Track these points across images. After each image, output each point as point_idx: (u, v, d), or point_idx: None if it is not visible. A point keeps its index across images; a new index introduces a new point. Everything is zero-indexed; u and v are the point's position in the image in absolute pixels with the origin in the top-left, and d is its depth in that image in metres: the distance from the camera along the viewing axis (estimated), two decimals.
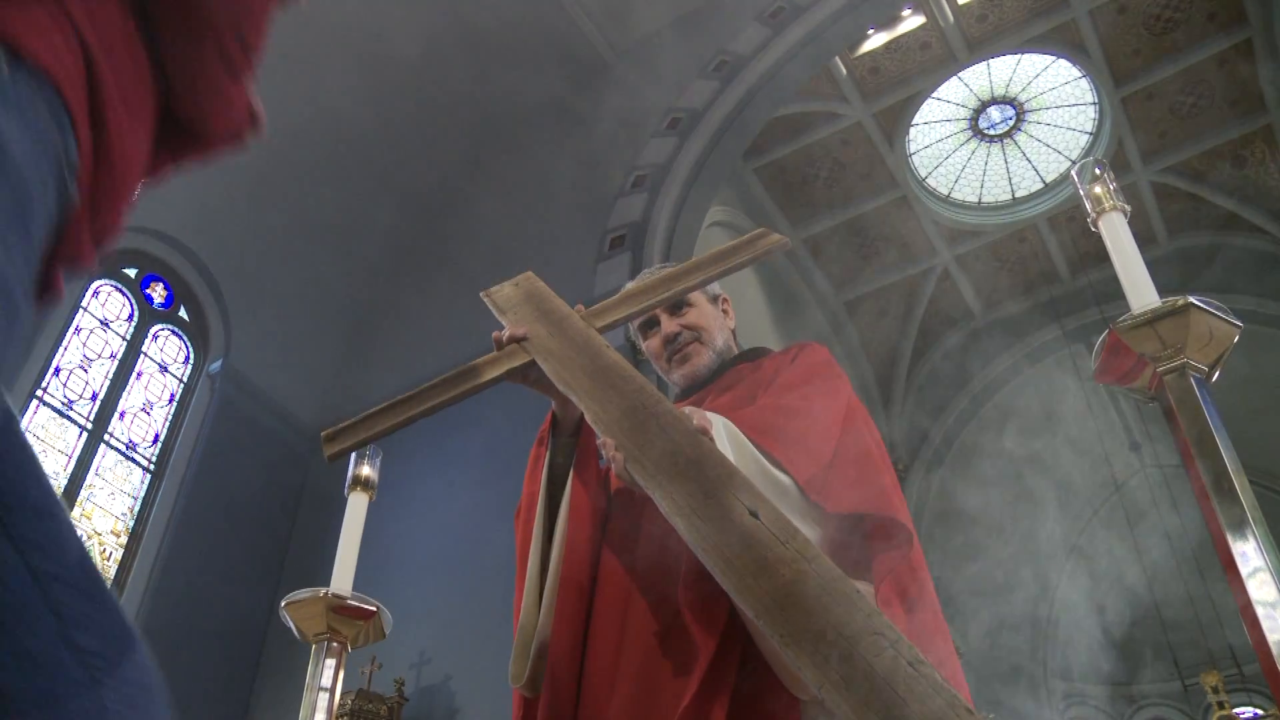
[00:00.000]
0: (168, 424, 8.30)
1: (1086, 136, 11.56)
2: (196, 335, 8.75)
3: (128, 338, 8.29)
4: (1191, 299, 2.05)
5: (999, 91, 11.62)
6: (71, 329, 7.84)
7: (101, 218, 1.05)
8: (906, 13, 10.27)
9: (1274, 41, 10.13)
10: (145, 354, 8.35)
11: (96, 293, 8.20)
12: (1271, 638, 1.75)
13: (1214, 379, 2.08)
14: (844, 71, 10.64)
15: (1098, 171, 2.40)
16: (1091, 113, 11.40)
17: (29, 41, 0.89)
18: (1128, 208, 2.35)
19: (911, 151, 11.73)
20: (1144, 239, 10.24)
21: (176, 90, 1.15)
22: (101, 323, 8.15)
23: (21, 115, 0.87)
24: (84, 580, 1.04)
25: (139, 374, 8.25)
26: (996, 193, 12.20)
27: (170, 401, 8.41)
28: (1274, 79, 10.46)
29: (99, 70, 0.98)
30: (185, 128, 1.20)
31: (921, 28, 10.49)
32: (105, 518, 7.56)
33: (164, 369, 8.47)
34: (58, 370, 7.63)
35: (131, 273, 8.48)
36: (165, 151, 1.24)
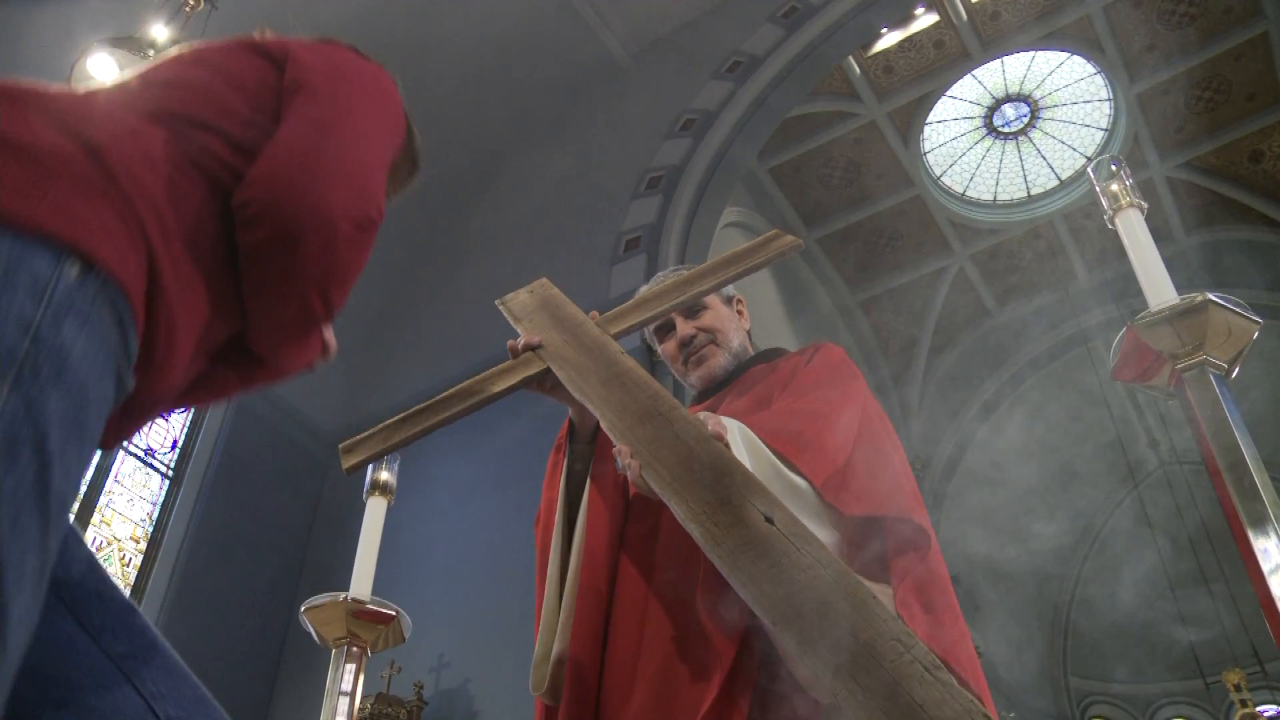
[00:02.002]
0: (185, 430, 8.33)
1: (1102, 133, 11.51)
2: None
3: None
4: (1210, 295, 2.04)
5: (1013, 89, 11.58)
6: None
7: (140, 405, 1.15)
8: (920, 11, 10.25)
9: None
10: None
11: None
12: None
13: (1233, 375, 2.07)
14: (857, 71, 10.62)
15: (1114, 168, 2.39)
16: (1107, 109, 11.35)
17: (98, 250, 0.99)
18: (1144, 204, 2.34)
19: (926, 150, 11.70)
20: (1161, 235, 10.19)
21: (254, 329, 1.28)
22: None
23: (86, 321, 0.96)
24: (154, 654, 1.14)
25: None
26: (1012, 190, 12.16)
27: (188, 408, 8.45)
28: None
29: (159, 272, 1.07)
30: (256, 357, 1.31)
31: (935, 26, 10.46)
32: (124, 524, 7.60)
33: None
34: None
35: None
36: (234, 375, 1.35)
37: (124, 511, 7.64)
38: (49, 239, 0.96)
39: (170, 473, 8.05)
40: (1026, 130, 11.87)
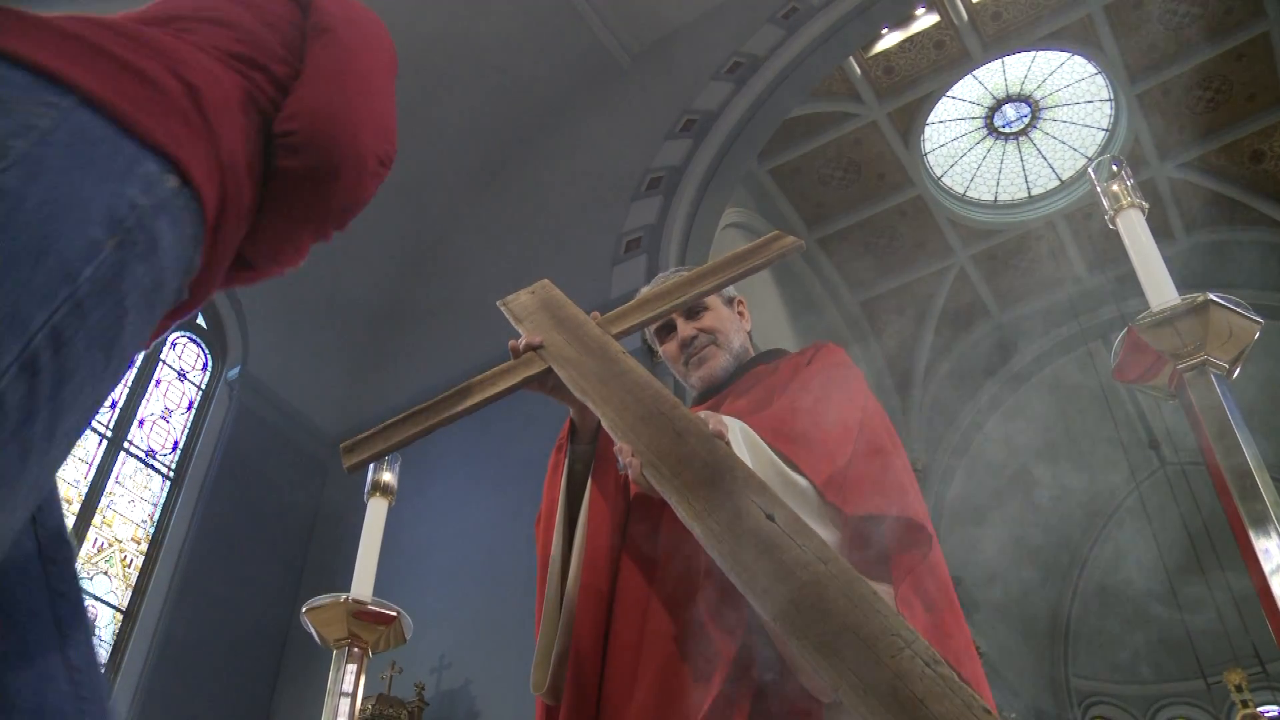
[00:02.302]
0: (187, 431, 8.33)
1: (1103, 133, 11.51)
2: (214, 342, 8.79)
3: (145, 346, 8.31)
4: (1211, 295, 2.04)
5: (1014, 89, 11.58)
6: None
7: (176, 312, 1.32)
8: (920, 11, 10.24)
9: None
10: (164, 361, 8.39)
11: None
12: None
13: (1234, 376, 2.07)
14: (858, 71, 10.62)
15: (1115, 168, 2.39)
16: (1107, 109, 11.35)
17: (196, 171, 1.20)
18: (1145, 204, 2.34)
19: (926, 151, 11.70)
20: (1162, 235, 10.16)
21: (262, 240, 1.45)
22: None
23: (175, 224, 1.17)
24: (81, 602, 1.21)
25: (157, 381, 8.28)
26: (1013, 191, 12.15)
27: (189, 409, 8.45)
28: None
29: (226, 206, 1.28)
30: (245, 260, 1.47)
31: (935, 26, 10.46)
32: (126, 525, 7.60)
33: (182, 376, 8.51)
34: None
35: None
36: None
37: (125, 513, 7.64)
38: (161, 151, 1.17)
39: (171, 474, 8.05)
40: (1027, 130, 11.86)
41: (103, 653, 7.15)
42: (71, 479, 7.27)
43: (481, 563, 6.86)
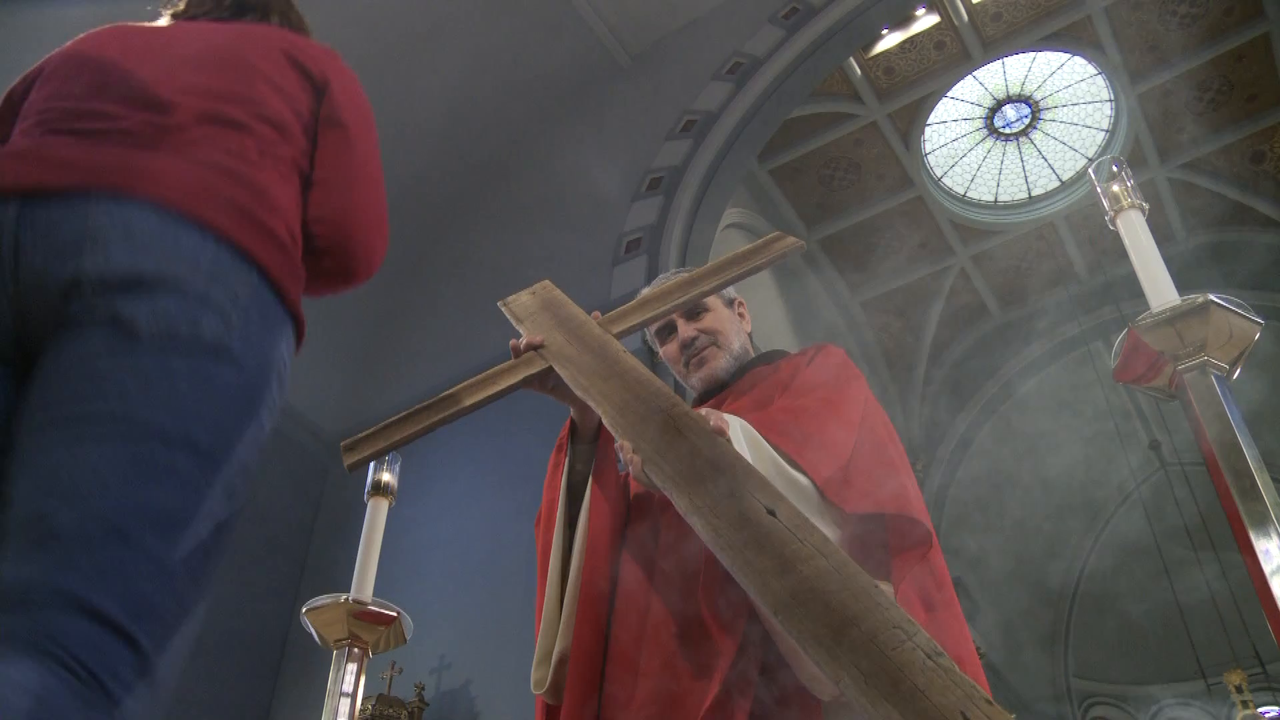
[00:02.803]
0: None
1: (1103, 134, 11.50)
2: None
3: None
4: (1211, 296, 2.04)
5: (1014, 90, 11.57)
6: None
7: None
8: (920, 12, 10.24)
9: None
10: None
11: None
12: None
13: (1235, 376, 2.07)
14: (858, 72, 10.62)
15: (1115, 169, 2.39)
16: (1108, 110, 11.34)
17: (303, 329, 1.54)
18: (1145, 205, 2.34)
19: (927, 151, 11.69)
20: (1162, 236, 10.14)
21: None
22: None
23: (286, 374, 1.44)
24: None
25: None
26: (1013, 191, 12.15)
27: None
28: None
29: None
30: None
31: (936, 27, 10.45)
32: None
33: None
34: None
35: None
36: None
37: None
38: (295, 317, 1.50)
39: None
40: (1027, 131, 11.86)
41: None
42: None
43: (481, 563, 6.86)
